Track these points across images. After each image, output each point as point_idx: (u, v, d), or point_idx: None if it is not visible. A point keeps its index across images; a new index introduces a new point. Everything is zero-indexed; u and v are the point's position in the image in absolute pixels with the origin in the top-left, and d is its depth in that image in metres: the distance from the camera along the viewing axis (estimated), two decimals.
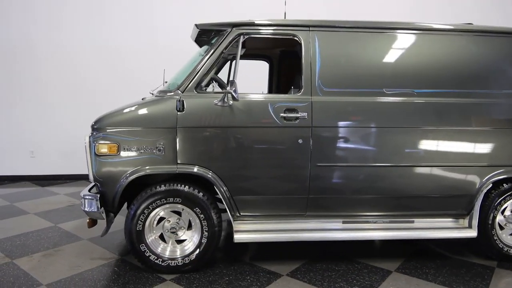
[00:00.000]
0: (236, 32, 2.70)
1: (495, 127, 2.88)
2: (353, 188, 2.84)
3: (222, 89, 2.68)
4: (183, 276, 2.75)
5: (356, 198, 2.87)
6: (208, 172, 2.68)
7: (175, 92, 2.68)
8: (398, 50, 2.87)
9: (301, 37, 2.74)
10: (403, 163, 2.82)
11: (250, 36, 2.75)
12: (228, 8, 5.66)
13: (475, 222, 2.92)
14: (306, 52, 2.73)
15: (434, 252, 3.24)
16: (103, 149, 2.62)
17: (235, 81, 2.58)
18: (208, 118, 2.66)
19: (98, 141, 2.62)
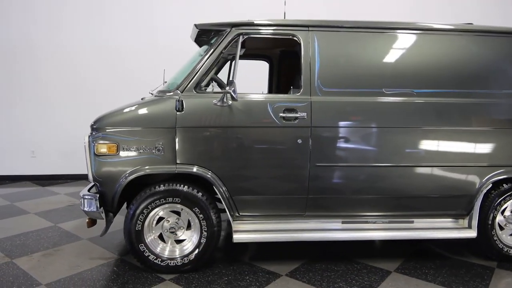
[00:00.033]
0: (235, 32, 2.70)
1: (495, 127, 2.87)
2: (353, 188, 2.84)
3: (222, 89, 2.68)
4: (182, 276, 2.75)
5: (355, 198, 2.87)
6: (207, 172, 2.68)
7: (175, 92, 2.68)
8: (398, 50, 2.87)
9: (301, 37, 2.74)
10: (403, 163, 2.82)
11: (250, 36, 2.76)
12: (228, 8, 5.66)
13: (474, 223, 2.92)
14: (306, 52, 2.73)
15: (433, 253, 3.24)
16: (102, 149, 2.63)
17: (234, 81, 2.57)
18: (207, 118, 2.66)
19: (98, 141, 2.63)
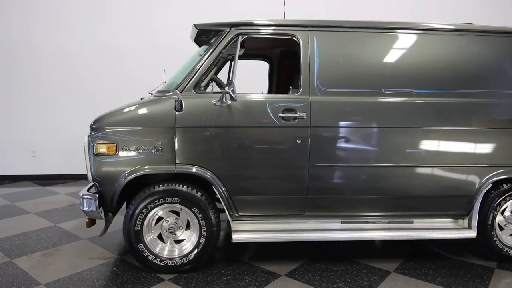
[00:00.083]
0: (234, 32, 2.70)
1: (494, 127, 2.87)
2: (352, 188, 2.84)
3: (221, 89, 2.68)
4: (181, 276, 2.75)
5: (354, 198, 2.86)
6: (207, 172, 2.68)
7: (174, 92, 2.68)
8: (397, 50, 2.86)
9: (300, 37, 2.74)
10: (402, 163, 2.81)
11: (249, 36, 2.76)
12: (228, 8, 5.66)
13: (474, 223, 2.91)
14: (305, 52, 2.73)
15: (433, 253, 3.23)
16: (101, 149, 2.63)
17: (233, 81, 2.57)
18: (207, 118, 2.66)
19: (97, 141, 2.63)
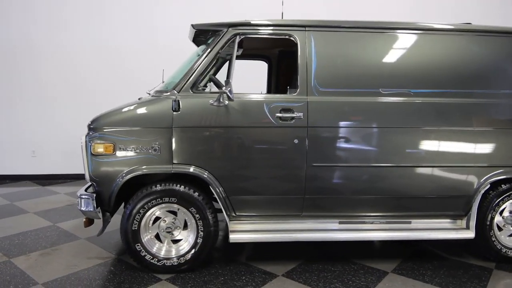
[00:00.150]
0: (232, 32, 2.70)
1: (493, 127, 2.86)
2: (349, 188, 2.83)
3: (219, 89, 2.68)
4: (178, 276, 2.75)
5: (352, 199, 2.86)
6: (204, 172, 2.68)
7: (171, 92, 2.68)
8: (395, 50, 2.86)
9: (297, 37, 2.74)
10: (400, 164, 2.81)
11: (247, 36, 2.76)
12: (228, 8, 5.66)
13: (472, 223, 2.90)
14: (302, 52, 2.72)
15: (431, 253, 3.22)
16: (99, 148, 2.63)
17: (230, 81, 2.57)
18: (204, 118, 2.66)
19: (94, 140, 2.63)
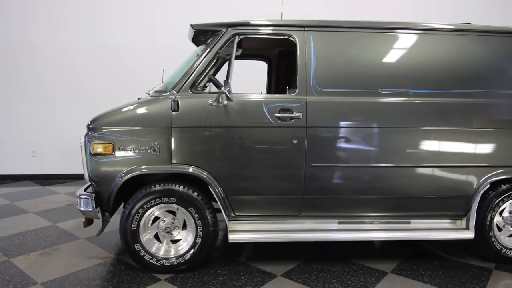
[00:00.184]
0: (231, 32, 2.70)
1: (493, 127, 2.85)
2: (349, 188, 2.83)
3: (218, 89, 2.68)
4: (177, 276, 2.75)
5: (351, 199, 2.86)
6: (203, 172, 2.68)
7: (170, 92, 2.68)
8: (394, 50, 2.85)
9: (296, 37, 2.74)
10: (400, 164, 2.80)
11: (246, 36, 2.76)
12: (228, 8, 5.66)
13: (472, 224, 2.89)
14: (301, 52, 2.72)
15: (431, 254, 3.22)
16: (98, 148, 2.63)
17: (229, 81, 2.57)
18: (203, 118, 2.66)
19: (94, 140, 2.63)
